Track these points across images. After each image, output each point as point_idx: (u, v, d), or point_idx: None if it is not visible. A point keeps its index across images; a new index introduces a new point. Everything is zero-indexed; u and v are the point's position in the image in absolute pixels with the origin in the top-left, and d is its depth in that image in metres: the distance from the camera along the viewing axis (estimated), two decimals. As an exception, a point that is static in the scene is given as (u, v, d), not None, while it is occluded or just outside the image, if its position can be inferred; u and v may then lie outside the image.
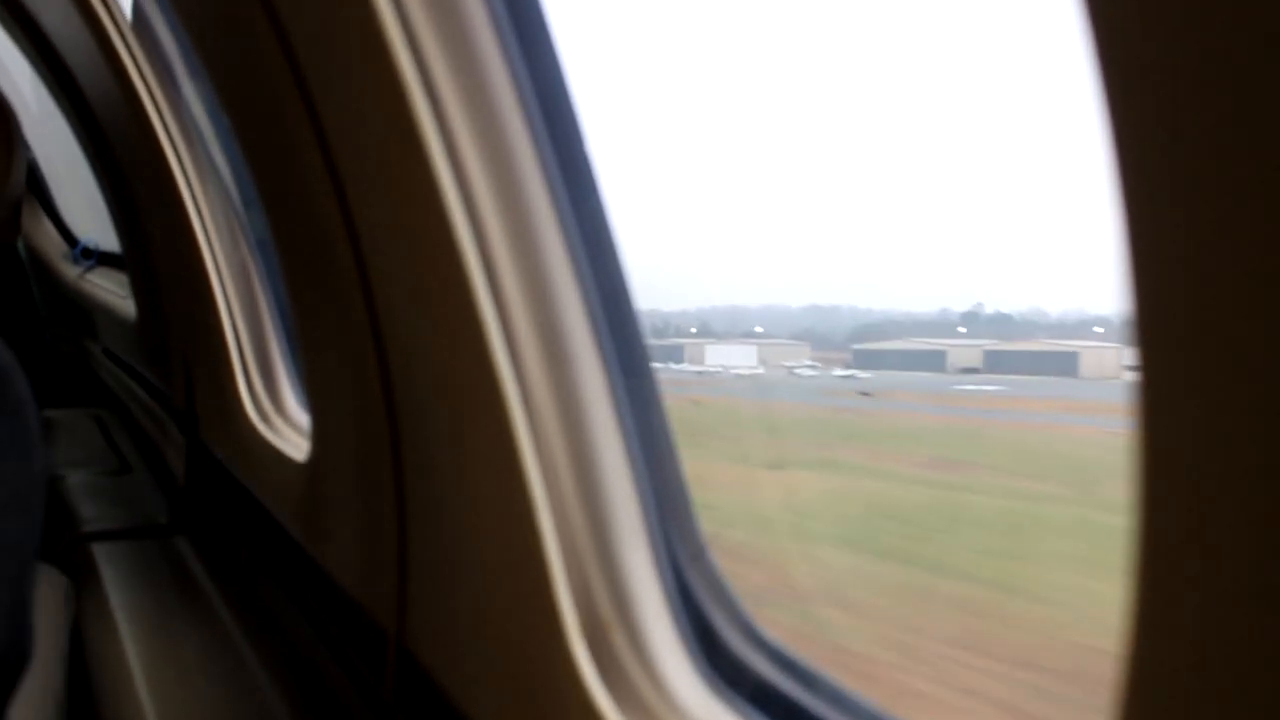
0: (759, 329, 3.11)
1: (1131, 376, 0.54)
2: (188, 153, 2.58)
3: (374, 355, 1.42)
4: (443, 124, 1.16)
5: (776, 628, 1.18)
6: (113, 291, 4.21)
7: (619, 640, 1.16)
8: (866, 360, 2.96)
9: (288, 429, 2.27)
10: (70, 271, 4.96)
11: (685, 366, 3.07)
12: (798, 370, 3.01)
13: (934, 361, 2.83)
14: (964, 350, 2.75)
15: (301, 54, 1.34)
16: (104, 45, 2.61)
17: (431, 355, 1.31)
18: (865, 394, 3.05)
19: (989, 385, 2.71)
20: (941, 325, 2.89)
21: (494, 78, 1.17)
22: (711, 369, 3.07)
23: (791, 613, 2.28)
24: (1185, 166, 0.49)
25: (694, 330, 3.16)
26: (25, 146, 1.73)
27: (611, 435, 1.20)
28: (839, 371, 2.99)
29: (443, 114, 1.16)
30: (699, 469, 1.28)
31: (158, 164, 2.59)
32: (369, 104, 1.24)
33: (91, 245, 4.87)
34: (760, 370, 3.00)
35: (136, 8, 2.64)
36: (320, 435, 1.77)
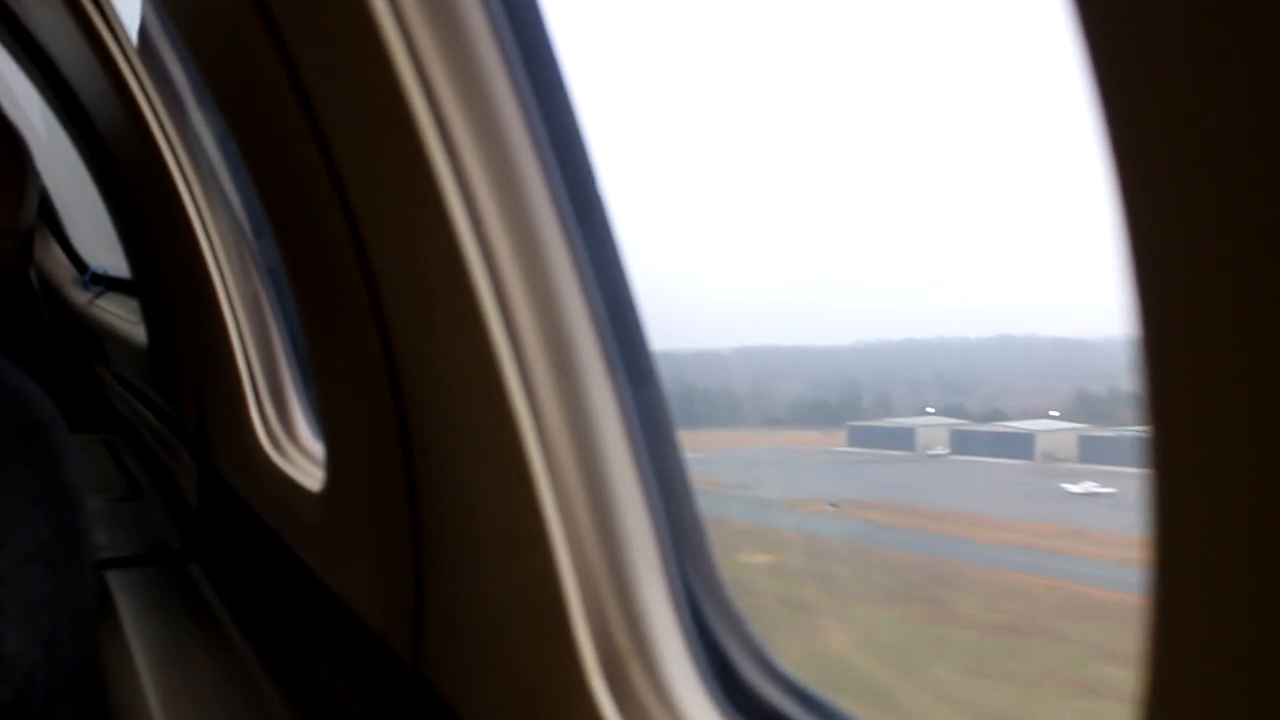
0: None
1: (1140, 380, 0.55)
2: (196, 180, 2.60)
3: (387, 385, 1.43)
4: (453, 154, 1.17)
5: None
6: (123, 317, 4.23)
7: (636, 672, 1.16)
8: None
9: (300, 457, 2.28)
10: (80, 297, 4.97)
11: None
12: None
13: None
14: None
15: (310, 84, 1.35)
16: (111, 73, 2.63)
17: (445, 385, 1.32)
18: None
19: None
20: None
21: (503, 108, 1.18)
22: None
23: None
24: (1185, 165, 0.50)
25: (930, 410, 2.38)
26: (37, 176, 1.74)
27: (627, 468, 1.21)
28: None
29: (453, 145, 1.17)
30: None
31: (167, 191, 2.60)
32: (379, 135, 1.25)
33: (101, 271, 4.88)
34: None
35: (143, 35, 2.65)
36: (334, 464, 1.78)
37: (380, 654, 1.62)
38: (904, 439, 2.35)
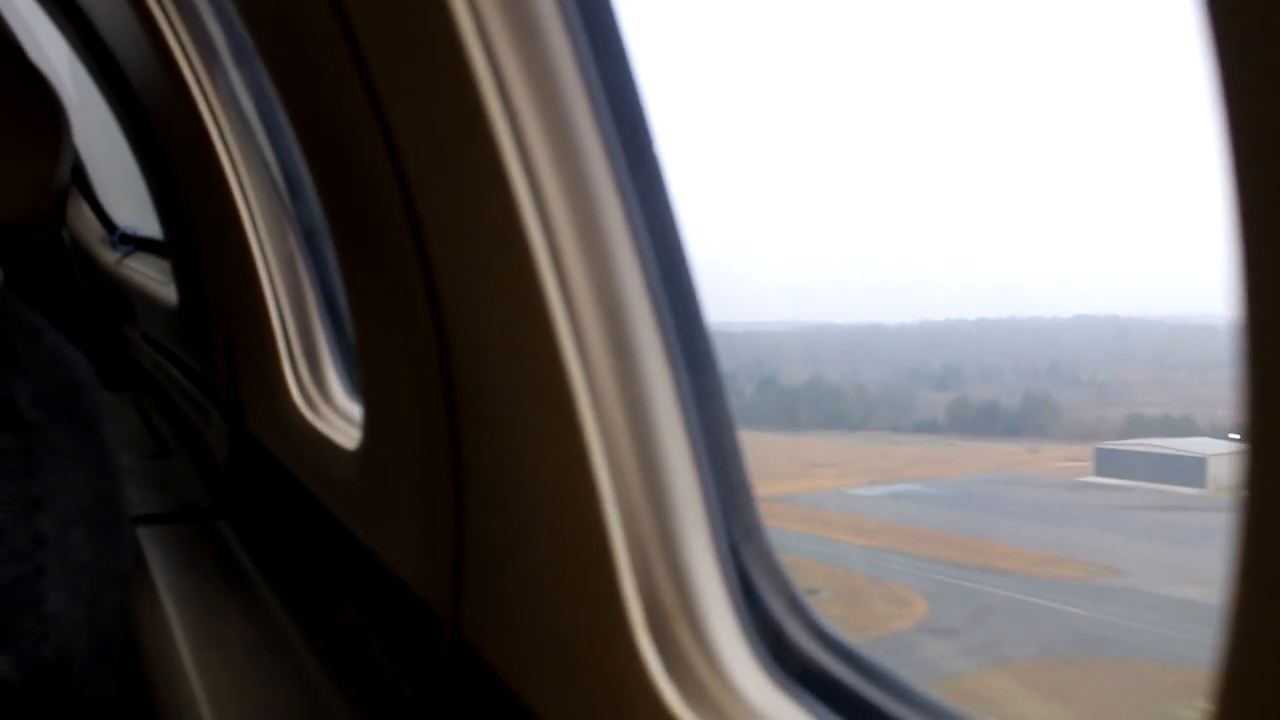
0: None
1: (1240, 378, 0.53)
2: (234, 139, 2.59)
3: (434, 343, 1.42)
4: (510, 110, 1.16)
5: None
6: (151, 277, 4.23)
7: (682, 631, 1.16)
8: None
9: (335, 416, 2.28)
10: (108, 256, 4.98)
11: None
12: None
13: None
14: None
15: (360, 32, 1.34)
16: (150, 29, 2.62)
17: (494, 342, 1.31)
18: None
19: None
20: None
21: (563, 70, 1.17)
22: None
23: None
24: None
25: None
26: (71, 134, 1.74)
27: (675, 426, 1.20)
28: None
29: (510, 100, 1.16)
30: None
31: (203, 150, 2.60)
32: (433, 87, 1.24)
33: (130, 231, 4.89)
34: None
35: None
36: (373, 422, 1.78)
37: (417, 612, 1.62)
38: (1186, 471, 1.84)
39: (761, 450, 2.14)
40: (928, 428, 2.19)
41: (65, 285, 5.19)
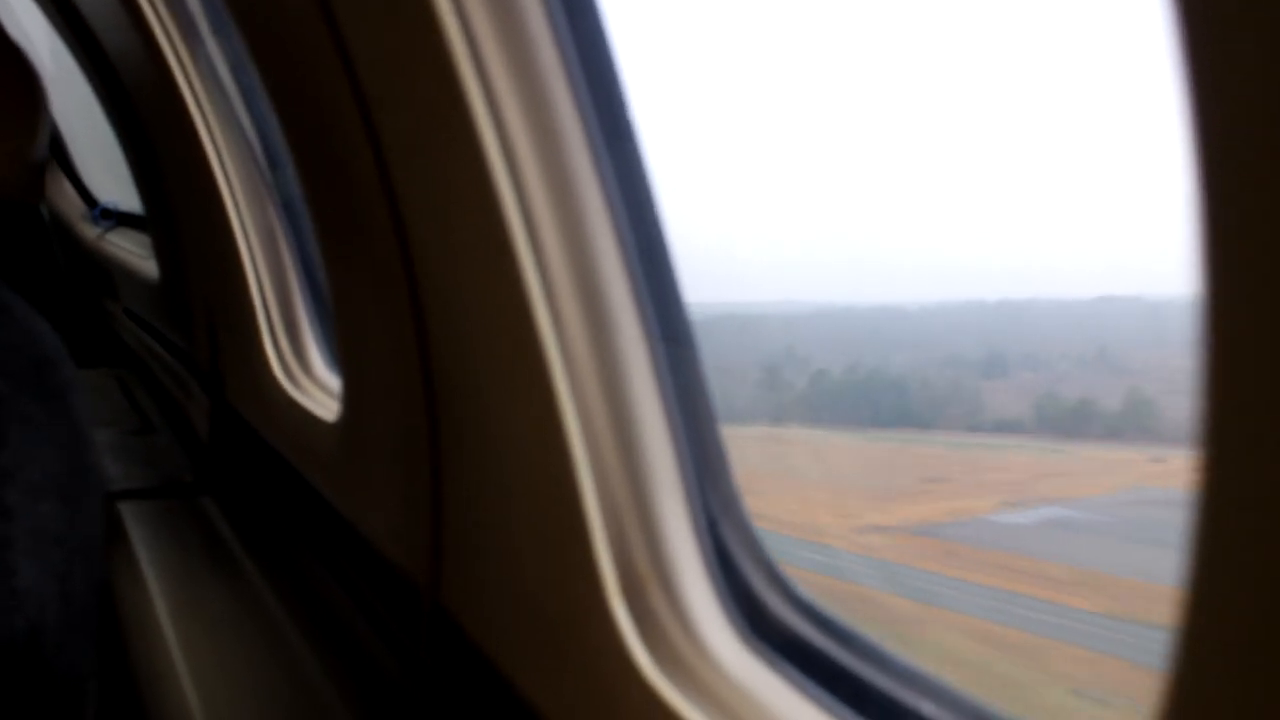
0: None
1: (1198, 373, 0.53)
2: (212, 111, 2.58)
3: (410, 313, 1.42)
4: (487, 84, 1.16)
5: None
6: (133, 252, 4.22)
7: (657, 597, 1.16)
8: None
9: (315, 389, 2.27)
10: (90, 232, 4.96)
11: None
12: None
13: None
14: None
15: (338, 6, 1.33)
16: (127, 2, 2.60)
17: (470, 312, 1.31)
18: None
19: None
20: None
21: (538, 36, 1.16)
22: None
23: None
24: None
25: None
26: (49, 107, 1.73)
27: (651, 397, 1.20)
28: None
29: (486, 73, 1.15)
30: None
31: (180, 121, 2.59)
32: (410, 59, 1.24)
33: (111, 206, 4.87)
34: None
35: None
36: (352, 393, 1.78)
37: (397, 583, 1.63)
38: None
39: (850, 457, 2.06)
40: (1012, 428, 1.99)
41: (45, 260, 5.16)
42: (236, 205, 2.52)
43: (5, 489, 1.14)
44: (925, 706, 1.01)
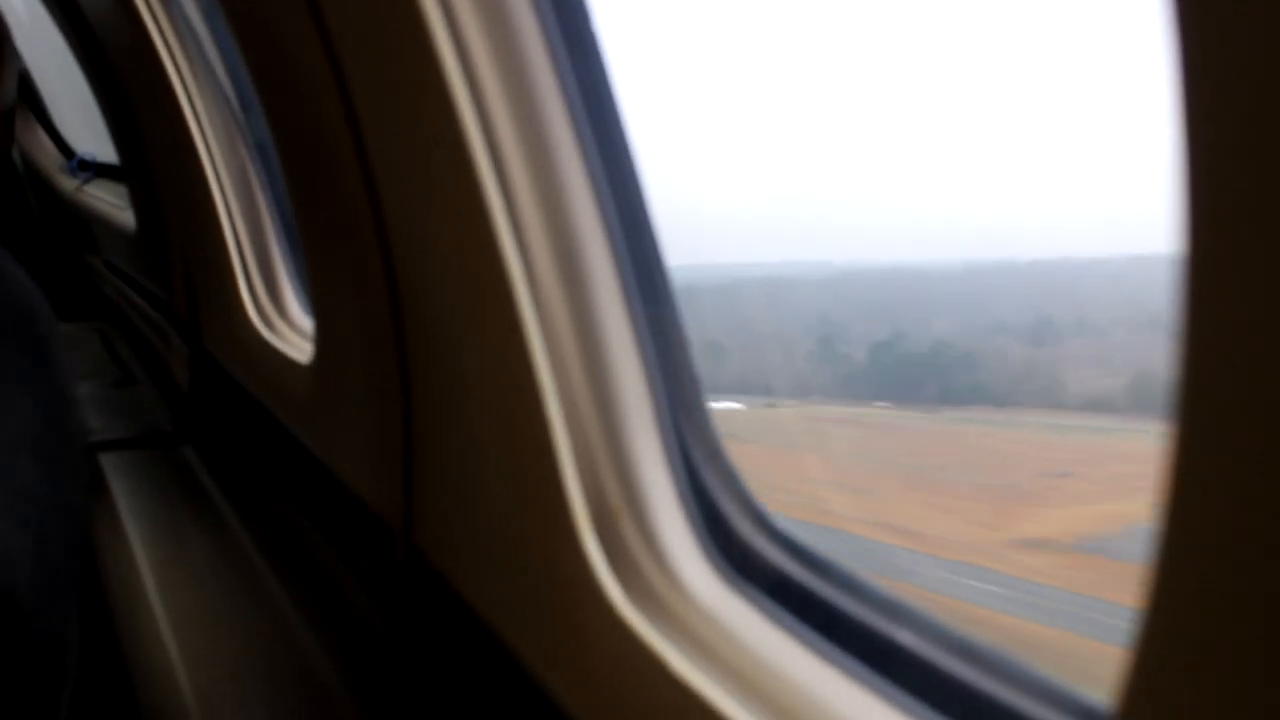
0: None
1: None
2: (184, 57, 2.54)
3: (378, 251, 1.40)
4: (454, 24, 1.13)
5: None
6: (111, 204, 4.18)
7: (629, 529, 1.15)
8: None
9: (291, 333, 2.25)
10: (68, 184, 4.92)
11: None
12: None
13: None
14: None
15: None
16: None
17: (437, 248, 1.29)
18: None
19: None
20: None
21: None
22: None
23: None
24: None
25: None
26: (17, 56, 1.69)
27: (622, 327, 1.18)
28: None
29: (454, 14, 1.13)
30: None
31: (154, 69, 2.55)
32: (379, 5, 1.21)
33: (89, 158, 4.82)
34: None
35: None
36: (324, 336, 1.76)
37: (372, 524, 1.61)
38: None
39: (943, 445, 1.84)
40: (1103, 407, 1.76)
41: (20, 212, 5.12)
42: (210, 153, 2.49)
43: None
44: (903, 635, 0.99)
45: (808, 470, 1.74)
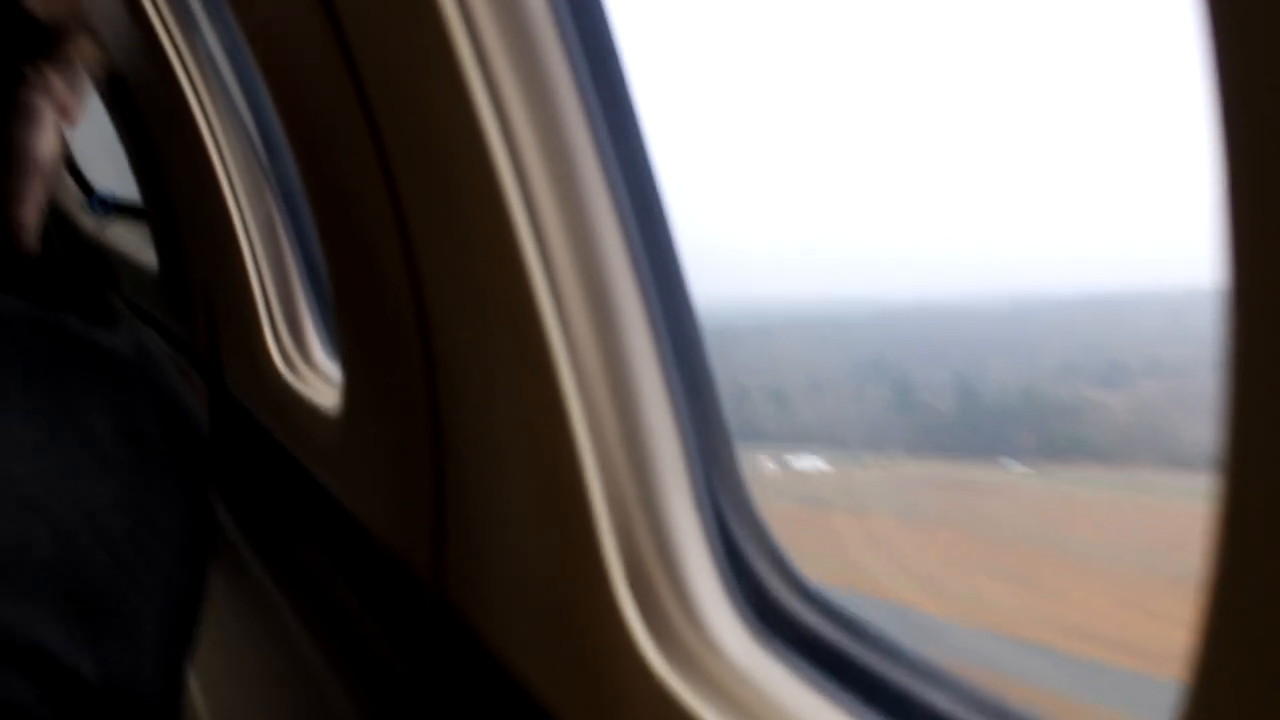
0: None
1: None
2: (209, 98, 2.56)
3: (412, 309, 1.40)
4: (487, 68, 1.14)
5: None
6: (132, 242, 4.20)
7: (663, 587, 1.15)
8: None
9: (316, 378, 2.26)
10: (88, 222, 4.94)
11: None
12: None
13: None
14: None
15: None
16: (122, -10, 2.58)
17: (472, 301, 1.29)
18: None
19: None
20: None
21: (538, 20, 1.14)
22: None
23: None
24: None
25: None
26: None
27: (655, 379, 1.19)
28: None
29: (486, 57, 1.14)
30: None
31: (178, 109, 2.57)
32: (409, 43, 1.22)
33: (108, 196, 4.84)
34: None
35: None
36: (352, 385, 1.76)
37: (398, 573, 1.61)
38: None
39: (1086, 515, 1.58)
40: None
41: (44, 252, 5.14)
42: (235, 194, 2.51)
43: (144, 536, 1.11)
44: (939, 699, 0.99)
45: (945, 550, 1.57)
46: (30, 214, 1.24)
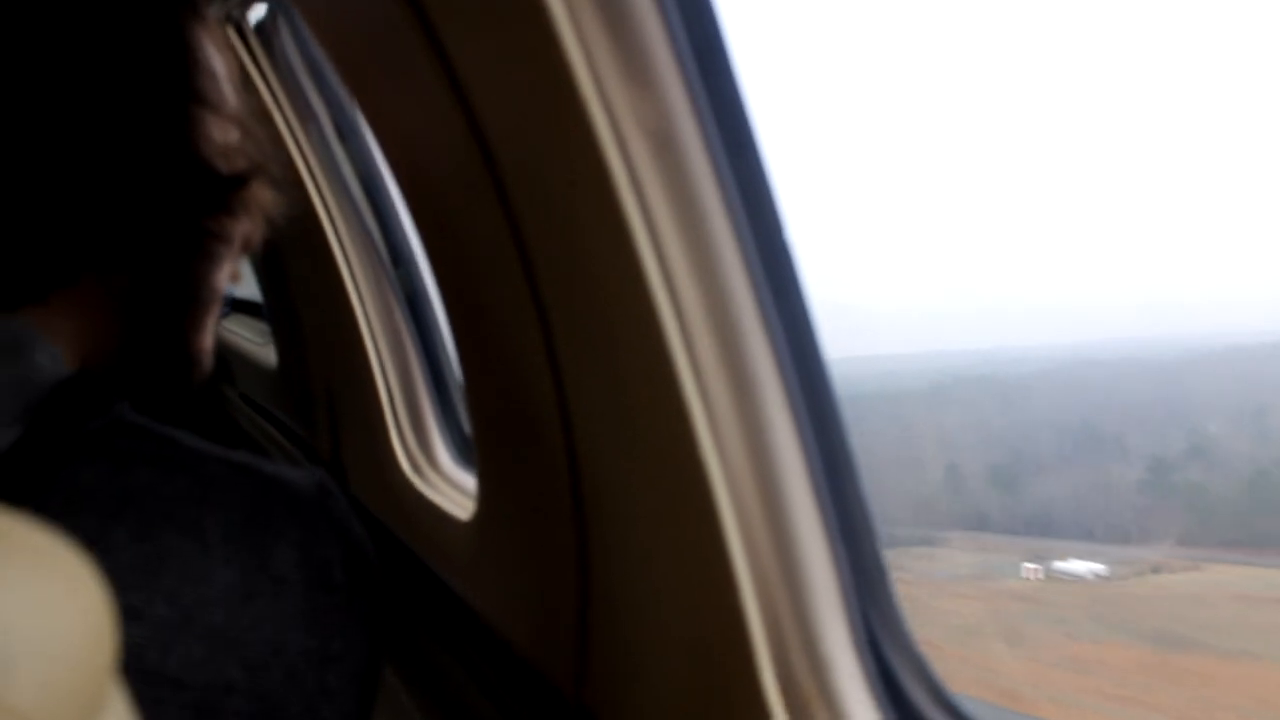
0: None
1: None
2: (334, 202, 2.62)
3: (555, 409, 1.40)
4: (635, 181, 1.14)
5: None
6: (249, 339, 4.29)
7: (820, 713, 1.13)
8: None
9: (443, 484, 2.28)
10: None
11: None
12: None
13: None
14: None
15: (470, 88, 1.32)
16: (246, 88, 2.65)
17: (619, 413, 1.29)
18: None
19: None
20: None
21: (674, 99, 1.14)
22: None
23: None
24: None
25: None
26: None
27: (807, 501, 1.18)
28: None
29: (634, 170, 1.14)
30: None
31: (304, 214, 2.63)
32: (554, 158, 1.23)
33: (226, 293, 4.95)
34: None
35: (268, 43, 2.67)
36: (488, 493, 1.77)
37: (539, 684, 1.61)
38: None
39: None
40: None
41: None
42: (360, 296, 2.55)
43: (328, 673, 1.13)
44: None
45: None
46: (209, 341, 1.29)
